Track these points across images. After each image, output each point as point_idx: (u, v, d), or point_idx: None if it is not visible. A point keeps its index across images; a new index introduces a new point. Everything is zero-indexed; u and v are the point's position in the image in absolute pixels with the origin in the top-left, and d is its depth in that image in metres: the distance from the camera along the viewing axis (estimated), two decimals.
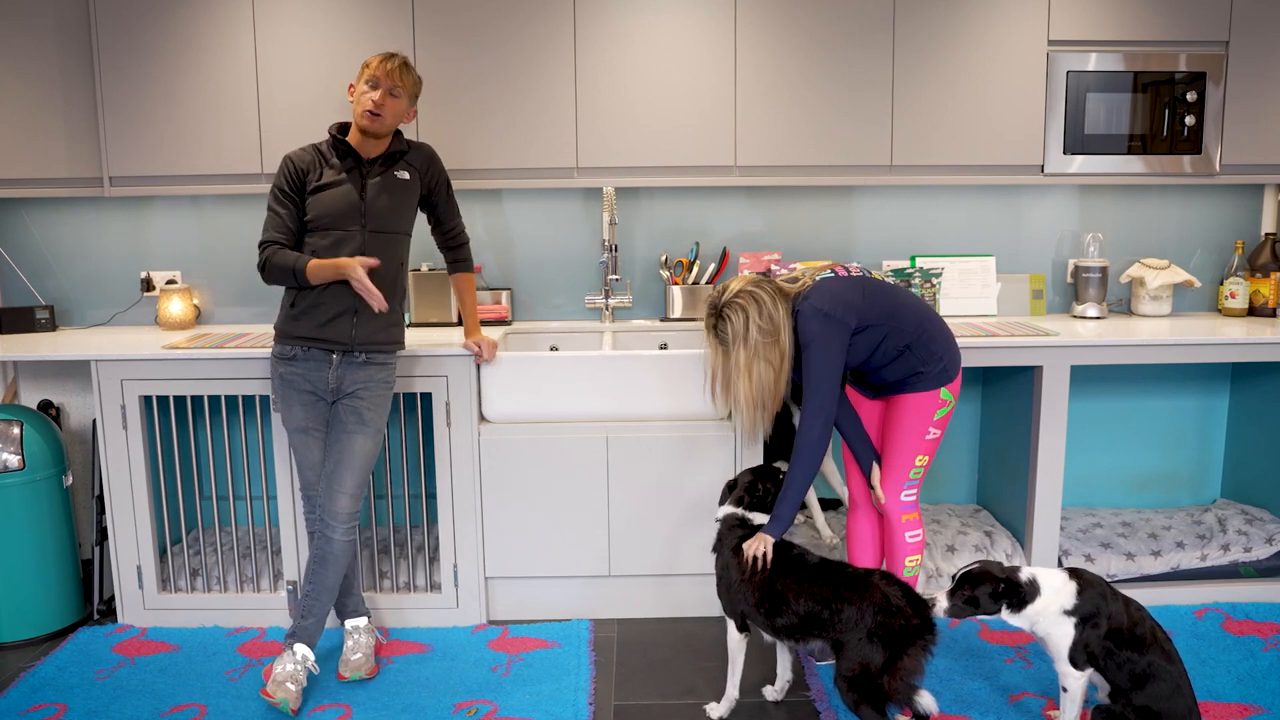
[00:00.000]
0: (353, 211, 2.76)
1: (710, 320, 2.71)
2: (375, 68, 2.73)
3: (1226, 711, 2.66)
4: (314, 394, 2.82)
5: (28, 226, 3.68)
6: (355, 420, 2.81)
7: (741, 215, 3.73)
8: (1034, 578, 2.43)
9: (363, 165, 2.80)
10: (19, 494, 3.14)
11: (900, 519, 2.81)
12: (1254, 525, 3.49)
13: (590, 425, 3.17)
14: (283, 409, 2.85)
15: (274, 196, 2.78)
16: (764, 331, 2.61)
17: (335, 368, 2.80)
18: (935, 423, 2.77)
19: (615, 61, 3.35)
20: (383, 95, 2.72)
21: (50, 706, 2.76)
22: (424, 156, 2.91)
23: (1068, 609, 2.39)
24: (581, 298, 3.77)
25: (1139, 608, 2.42)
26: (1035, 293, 3.73)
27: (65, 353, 3.15)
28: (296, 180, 2.77)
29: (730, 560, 2.63)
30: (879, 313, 2.66)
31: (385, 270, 2.81)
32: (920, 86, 3.38)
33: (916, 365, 2.71)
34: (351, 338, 2.78)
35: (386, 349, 2.86)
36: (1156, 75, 3.39)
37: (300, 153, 2.81)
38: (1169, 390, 3.82)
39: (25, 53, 3.32)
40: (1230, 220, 3.77)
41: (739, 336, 2.63)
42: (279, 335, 2.83)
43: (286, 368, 2.81)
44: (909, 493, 2.81)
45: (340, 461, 2.80)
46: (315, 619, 2.82)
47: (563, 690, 2.82)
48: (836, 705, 2.72)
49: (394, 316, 2.87)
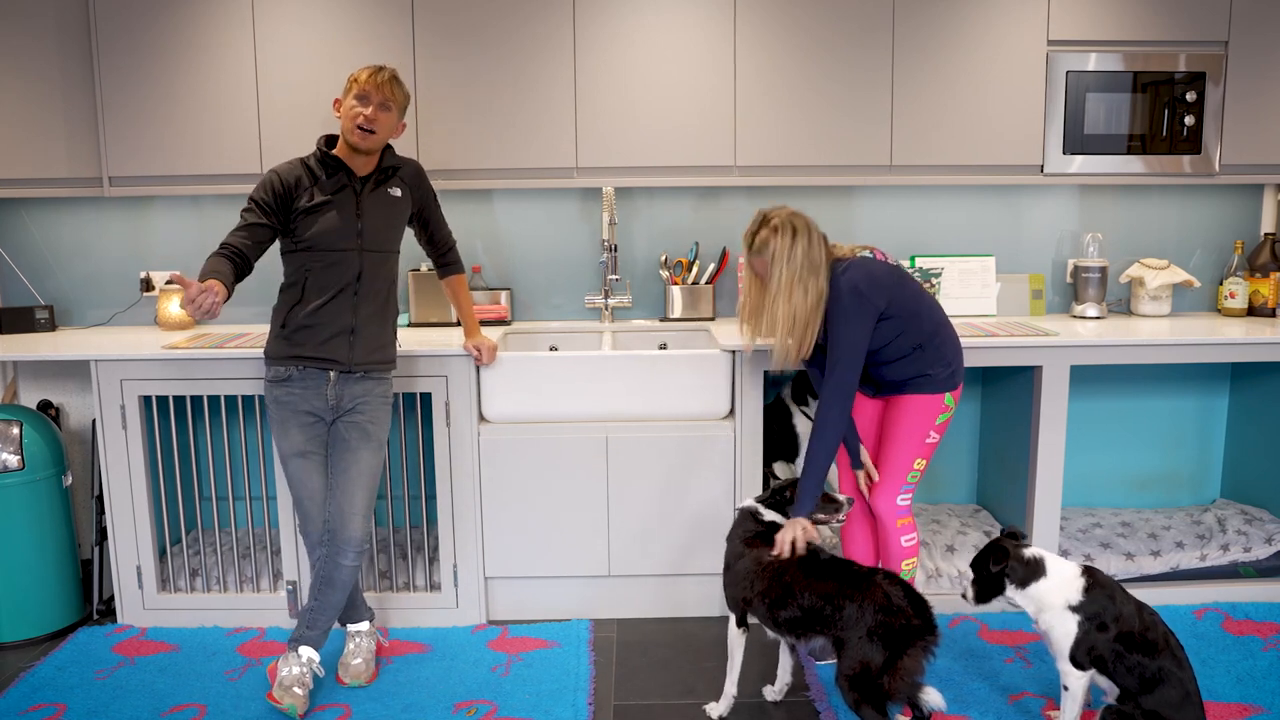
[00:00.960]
0: (349, 232, 2.70)
1: (754, 231, 2.67)
2: (365, 82, 2.65)
3: (1226, 711, 2.66)
4: (313, 414, 2.74)
5: (28, 226, 3.68)
6: (359, 436, 2.76)
7: (741, 215, 3.72)
8: (1040, 557, 2.45)
9: (354, 183, 2.73)
10: (19, 494, 3.14)
11: (896, 523, 2.80)
12: (1253, 525, 3.49)
13: (590, 425, 3.17)
14: (278, 434, 2.75)
15: (249, 205, 2.66)
16: (808, 262, 2.59)
17: (333, 385, 2.74)
18: (936, 427, 2.77)
19: (615, 61, 3.35)
20: (374, 110, 2.64)
21: (50, 706, 2.76)
22: (413, 173, 2.86)
23: (1072, 604, 2.39)
24: (581, 298, 3.77)
25: (1152, 612, 2.41)
26: (1035, 293, 3.73)
27: (65, 353, 3.15)
28: (280, 198, 2.65)
29: (741, 550, 2.63)
30: (905, 306, 2.67)
31: (378, 289, 2.76)
32: (920, 86, 3.38)
33: (925, 367, 2.71)
34: (349, 358, 2.73)
35: (381, 368, 2.81)
36: (1156, 75, 3.39)
37: (287, 169, 2.70)
38: (1169, 390, 3.82)
39: (25, 53, 3.32)
40: (1230, 220, 3.78)
41: (783, 256, 2.59)
42: (271, 358, 2.74)
43: (282, 390, 2.73)
44: (905, 497, 2.80)
45: (349, 479, 2.73)
46: (320, 631, 2.78)
47: (563, 690, 2.82)
48: (836, 705, 2.72)
49: (388, 336, 2.82)
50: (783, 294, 2.60)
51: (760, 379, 3.16)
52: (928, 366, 2.71)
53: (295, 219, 2.68)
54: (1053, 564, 2.45)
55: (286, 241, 2.73)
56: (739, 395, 3.15)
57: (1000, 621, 3.20)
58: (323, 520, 2.76)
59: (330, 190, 2.70)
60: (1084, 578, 2.42)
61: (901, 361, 2.71)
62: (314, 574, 2.78)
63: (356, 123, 2.65)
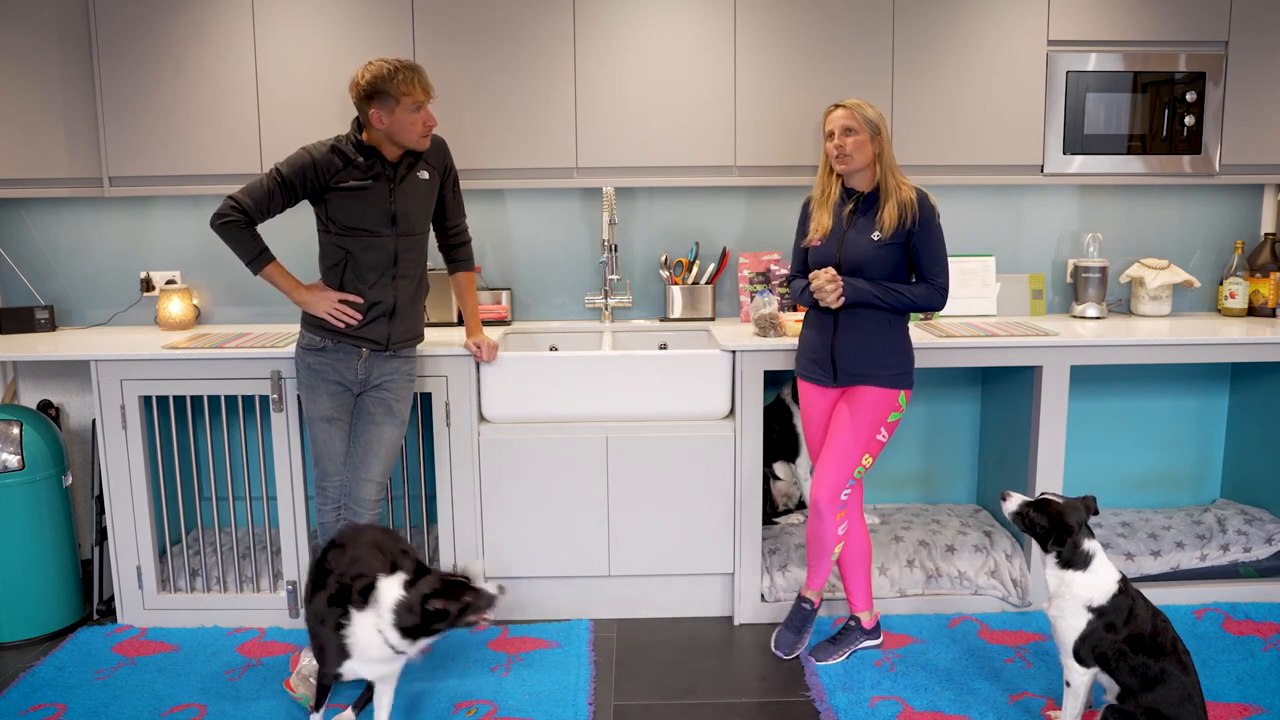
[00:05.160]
0: (384, 217, 2.78)
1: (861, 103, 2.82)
2: (420, 90, 2.68)
3: (1226, 711, 2.66)
4: (341, 385, 2.86)
5: (28, 226, 3.68)
6: (384, 412, 2.88)
7: (741, 215, 3.73)
8: (1093, 554, 2.43)
9: (387, 168, 2.78)
10: (19, 494, 3.14)
11: (835, 515, 2.87)
12: (1253, 525, 3.49)
13: (590, 425, 3.17)
14: (307, 398, 2.87)
15: (277, 177, 2.72)
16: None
17: (364, 360, 2.85)
18: (887, 425, 2.85)
19: (615, 61, 3.35)
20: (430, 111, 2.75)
21: (50, 706, 2.76)
22: (439, 151, 2.92)
23: (1093, 605, 2.39)
24: (581, 298, 3.77)
25: (1165, 619, 2.41)
26: (1035, 293, 3.73)
27: (65, 353, 3.15)
28: (312, 178, 2.72)
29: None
30: (936, 256, 2.81)
31: (413, 270, 2.87)
32: (920, 87, 3.38)
33: (886, 355, 2.80)
34: (388, 337, 2.84)
35: (411, 344, 2.93)
36: (1156, 75, 3.39)
37: (321, 149, 2.74)
38: (1169, 390, 3.82)
39: (25, 53, 3.32)
40: (1230, 220, 3.77)
41: (881, 122, 2.79)
42: (309, 326, 2.85)
43: (315, 358, 2.84)
44: (847, 491, 2.87)
45: (369, 451, 2.86)
46: None
47: (563, 690, 2.82)
48: (836, 705, 2.72)
49: (420, 313, 2.95)
50: (888, 146, 2.82)
51: (760, 379, 3.16)
52: (889, 349, 2.80)
53: (328, 198, 2.76)
54: (1098, 564, 2.43)
55: (323, 223, 2.81)
56: (739, 395, 3.15)
57: (1000, 621, 3.20)
58: (339, 481, 2.89)
59: (366, 175, 2.76)
60: (1117, 585, 2.41)
61: (875, 321, 2.79)
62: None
63: (429, 126, 2.74)
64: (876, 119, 2.78)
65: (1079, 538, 2.43)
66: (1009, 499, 2.54)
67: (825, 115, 2.84)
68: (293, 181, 2.73)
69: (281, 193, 2.74)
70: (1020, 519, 2.51)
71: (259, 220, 2.76)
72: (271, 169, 2.75)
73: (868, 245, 2.78)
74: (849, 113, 2.77)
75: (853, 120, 2.76)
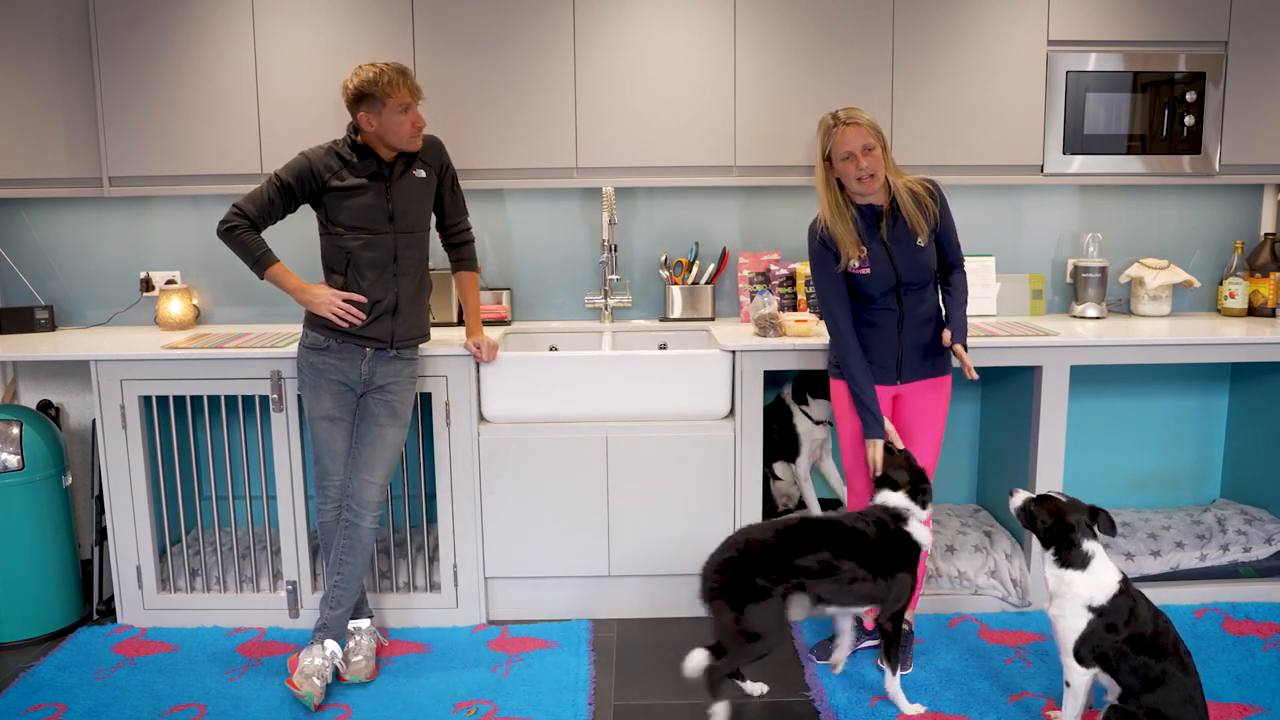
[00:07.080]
0: (382, 215, 2.80)
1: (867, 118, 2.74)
2: (406, 91, 2.70)
3: (1226, 711, 2.66)
4: (344, 384, 2.88)
5: (28, 226, 3.68)
6: (387, 413, 2.89)
7: (741, 215, 3.73)
8: (1092, 554, 2.43)
9: (383, 168, 2.81)
10: (19, 494, 3.14)
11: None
12: (1253, 525, 3.49)
13: (590, 425, 3.17)
14: (310, 397, 2.89)
15: (276, 183, 2.78)
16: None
17: (368, 360, 2.86)
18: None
19: (615, 61, 3.35)
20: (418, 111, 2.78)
21: (50, 706, 2.76)
22: (434, 151, 2.94)
23: (1093, 605, 2.39)
24: (581, 298, 3.77)
25: (1167, 620, 2.41)
26: (1035, 293, 3.73)
27: (65, 353, 3.15)
28: (310, 181, 2.77)
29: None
30: (956, 241, 2.86)
31: (414, 267, 2.89)
32: (920, 87, 3.38)
33: (936, 334, 2.85)
34: (392, 335, 2.86)
35: (414, 345, 2.95)
36: (1156, 75, 3.39)
37: (318, 152, 2.80)
38: (1169, 390, 3.82)
39: (25, 53, 3.32)
40: (1229, 220, 3.77)
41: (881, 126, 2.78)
42: (313, 325, 2.86)
43: (319, 357, 2.86)
44: None
45: (373, 453, 2.87)
46: (344, 609, 2.88)
47: (562, 690, 2.82)
48: (836, 705, 2.72)
49: (423, 312, 2.96)
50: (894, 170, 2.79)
51: (760, 379, 3.16)
52: (939, 341, 2.85)
53: (326, 199, 2.80)
54: (1098, 564, 2.43)
55: (324, 225, 2.85)
56: (739, 395, 3.15)
57: (1000, 621, 3.20)
58: (340, 480, 2.91)
59: (363, 175, 2.79)
60: (1118, 586, 2.41)
61: (933, 324, 2.84)
62: (333, 549, 2.89)
63: (417, 127, 2.77)
64: (879, 125, 2.72)
65: (1078, 537, 2.43)
66: (1015, 495, 2.56)
67: (828, 132, 2.68)
68: (292, 185, 2.78)
69: (282, 197, 2.79)
70: (1023, 514, 2.52)
71: (263, 226, 2.81)
72: (272, 175, 2.80)
73: (917, 254, 2.75)
74: (864, 130, 2.64)
75: (870, 136, 2.65)
